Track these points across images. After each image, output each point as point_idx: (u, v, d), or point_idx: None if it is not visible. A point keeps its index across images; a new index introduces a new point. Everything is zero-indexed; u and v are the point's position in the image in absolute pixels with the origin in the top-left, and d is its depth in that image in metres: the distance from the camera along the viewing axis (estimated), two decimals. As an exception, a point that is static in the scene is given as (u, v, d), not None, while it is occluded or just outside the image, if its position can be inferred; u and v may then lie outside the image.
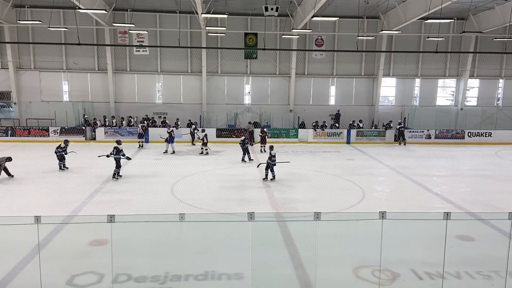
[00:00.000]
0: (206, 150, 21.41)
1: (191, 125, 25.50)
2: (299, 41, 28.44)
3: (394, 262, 8.21)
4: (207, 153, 21.36)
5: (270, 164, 15.64)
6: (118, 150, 15.79)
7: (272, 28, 27.82)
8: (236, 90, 29.55)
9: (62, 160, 17.02)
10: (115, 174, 15.72)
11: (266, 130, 23.83)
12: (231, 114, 28.64)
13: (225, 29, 26.32)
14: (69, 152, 17.22)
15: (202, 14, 22.01)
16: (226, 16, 23.92)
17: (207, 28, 26.34)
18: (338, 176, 17.06)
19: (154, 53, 28.39)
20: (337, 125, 28.09)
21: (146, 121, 26.62)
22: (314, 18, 21.53)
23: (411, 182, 16.14)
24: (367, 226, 7.54)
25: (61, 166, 17.01)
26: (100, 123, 26.30)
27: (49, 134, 25.14)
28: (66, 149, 17.17)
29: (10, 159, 15.58)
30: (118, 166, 15.76)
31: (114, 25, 25.70)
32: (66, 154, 17.12)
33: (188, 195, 13.47)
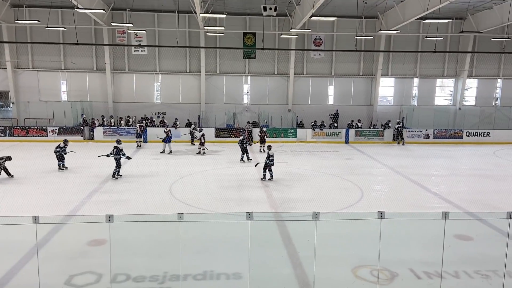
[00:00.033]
0: (203, 150, 21.39)
1: (191, 124, 25.51)
2: (298, 40, 28.45)
3: (392, 262, 8.23)
4: (204, 152, 21.34)
5: (268, 163, 15.64)
6: (118, 150, 15.79)
7: (270, 27, 27.82)
8: (234, 89, 29.55)
9: (61, 160, 16.97)
10: (115, 174, 15.70)
11: (265, 130, 23.84)
12: (230, 113, 28.65)
13: (223, 28, 26.31)
14: (68, 152, 17.19)
15: (201, 14, 22.00)
16: (224, 15, 23.92)
17: (206, 27, 26.34)
18: (336, 175, 17.07)
19: (152, 52, 28.37)
20: (335, 124, 28.11)
21: (144, 120, 26.61)
22: (313, 18, 21.55)
23: (410, 181, 16.16)
24: (366, 225, 7.54)
25: (60, 166, 16.97)
26: (98, 123, 26.28)
27: (47, 134, 25.09)
28: (66, 149, 17.12)
29: (9, 158, 15.56)
30: (118, 166, 15.75)
31: (113, 24, 25.65)
32: (65, 154, 17.08)
33: (186, 195, 13.46)
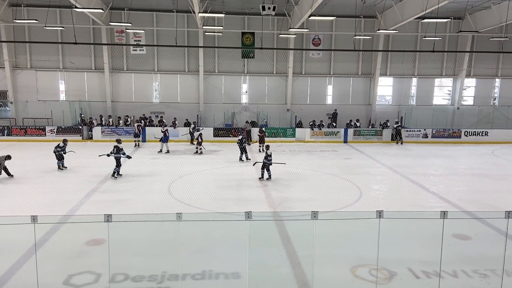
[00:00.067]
0: (200, 150, 21.39)
1: (189, 124, 25.50)
2: (296, 40, 28.46)
3: (391, 261, 8.23)
4: (201, 152, 21.34)
5: (266, 163, 15.64)
6: (119, 149, 15.80)
7: (269, 27, 27.83)
8: (233, 89, 29.54)
9: (60, 159, 16.95)
10: (115, 173, 15.70)
11: (265, 129, 23.82)
12: (228, 113, 28.64)
13: (222, 28, 26.29)
14: (68, 151, 17.18)
15: (199, 13, 21.99)
16: (223, 15, 23.91)
17: (204, 27, 26.34)
18: (335, 175, 17.08)
19: (151, 52, 28.35)
20: (334, 124, 28.11)
21: (143, 120, 26.58)
22: (311, 18, 21.49)
23: (408, 181, 16.18)
24: (364, 225, 7.54)
25: (59, 166, 16.94)
26: (96, 123, 26.25)
27: (45, 134, 25.06)
28: (65, 148, 17.12)
29: (9, 157, 15.50)
30: (118, 165, 15.76)
31: (111, 24, 25.64)
32: (65, 153, 17.07)
33: (185, 195, 13.45)
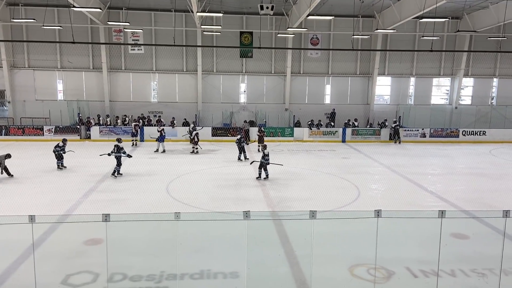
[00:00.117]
0: (196, 149, 21.37)
1: (188, 124, 25.47)
2: (295, 40, 28.46)
3: (389, 260, 8.24)
4: (197, 152, 21.31)
5: (263, 163, 15.65)
6: (119, 148, 15.83)
7: (267, 27, 27.82)
8: (231, 89, 29.52)
9: (60, 159, 16.93)
10: (115, 172, 15.73)
11: (264, 129, 23.77)
12: (227, 113, 28.62)
13: (220, 27, 26.27)
14: (67, 151, 17.17)
15: (197, 13, 21.96)
16: (221, 14, 23.86)
17: (203, 26, 26.30)
18: (333, 174, 17.10)
19: (149, 51, 28.31)
20: (332, 124, 28.13)
21: (141, 120, 26.56)
22: (310, 17, 21.48)
23: (406, 180, 16.20)
24: (362, 224, 7.55)
25: (59, 165, 16.92)
26: (94, 122, 26.20)
27: (43, 133, 25.01)
28: (65, 148, 17.11)
29: (9, 156, 15.43)
30: (118, 164, 15.79)
31: (109, 23, 25.59)
32: (64, 153, 17.07)
33: (183, 194, 13.44)
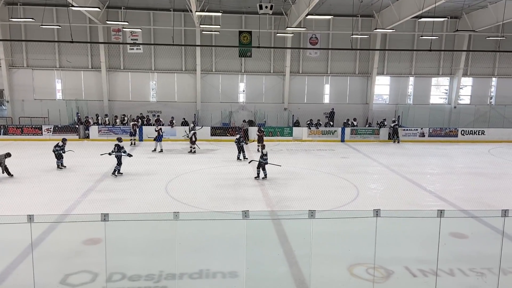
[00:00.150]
0: (194, 149, 21.37)
1: (190, 124, 25.47)
2: (294, 39, 28.45)
3: (388, 260, 8.24)
4: (195, 151, 21.31)
5: (262, 162, 15.65)
6: (119, 147, 15.88)
7: (266, 26, 27.80)
8: (230, 88, 29.50)
9: (60, 158, 16.93)
10: (116, 171, 15.77)
11: (263, 129, 23.73)
12: (226, 112, 28.61)
13: (219, 27, 26.25)
14: (67, 150, 17.16)
15: (196, 12, 21.92)
16: (220, 14, 23.85)
17: (201, 26, 26.28)
18: (332, 174, 17.10)
19: (148, 51, 28.27)
20: (331, 123, 28.14)
21: (140, 119, 26.53)
22: (309, 17, 21.50)
23: (405, 180, 16.22)
24: (361, 224, 7.55)
25: (59, 165, 16.91)
26: (92, 122, 26.16)
27: (42, 133, 24.99)
28: (64, 147, 17.11)
29: (9, 155, 15.39)
30: (119, 164, 15.85)
31: (108, 23, 25.54)
32: (64, 152, 17.06)
33: (182, 194, 13.44)
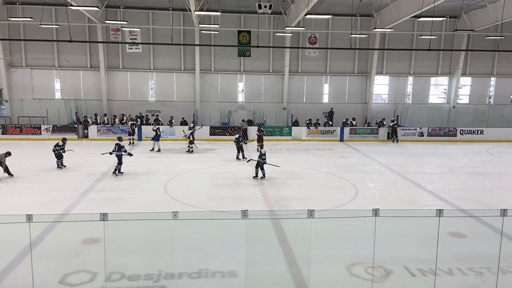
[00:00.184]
0: (191, 148, 21.37)
1: (190, 123, 25.47)
2: (293, 39, 28.44)
3: (387, 259, 8.25)
4: (192, 151, 21.31)
5: (260, 162, 15.65)
6: (120, 147, 15.96)
7: (265, 25, 27.78)
8: (229, 88, 29.48)
9: (60, 158, 16.93)
10: (116, 170, 15.83)
11: (263, 129, 23.70)
12: (225, 112, 28.60)
13: (218, 26, 26.21)
14: (66, 150, 17.16)
15: (195, 12, 21.91)
16: (219, 13, 23.84)
17: (200, 25, 26.24)
18: (331, 173, 17.11)
19: (147, 50, 28.24)
20: (330, 123, 28.15)
21: (139, 119, 26.51)
22: (308, 16, 21.52)
23: (404, 179, 16.23)
24: (360, 223, 7.55)
25: (59, 165, 16.91)
26: (91, 121, 26.14)
27: (41, 132, 24.98)
28: (64, 147, 17.12)
29: (9, 154, 15.35)
30: (120, 163, 15.92)
31: (107, 22, 25.47)
32: (64, 152, 17.06)
33: (181, 193, 13.43)
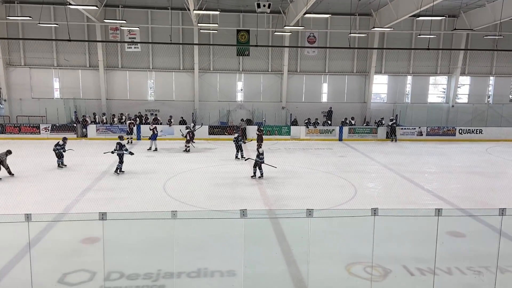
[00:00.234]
0: (188, 147, 21.36)
1: (190, 123, 25.47)
2: (291, 38, 28.42)
3: (386, 258, 8.27)
4: (189, 150, 21.30)
5: (258, 161, 15.64)
6: (121, 146, 16.02)
7: (264, 25, 27.73)
8: (228, 87, 29.46)
9: (60, 157, 16.92)
10: (118, 169, 15.89)
11: (263, 128, 23.69)
12: (224, 111, 28.59)
13: (217, 25, 26.16)
14: (67, 149, 17.16)
15: (194, 11, 21.88)
16: (218, 12, 23.83)
17: (199, 24, 26.18)
18: (330, 173, 17.12)
19: (145, 49, 28.20)
20: (329, 122, 28.15)
21: (138, 118, 26.48)
22: (306, 15, 21.49)
23: (403, 179, 16.24)
24: (359, 222, 7.57)
25: (59, 164, 16.91)
26: (90, 120, 26.10)
27: (40, 132, 24.93)
28: (65, 146, 17.12)
29: (10, 152, 15.25)
30: (121, 162, 15.98)
31: (105, 21, 25.43)
32: (64, 151, 17.06)
33: (180, 193, 13.44)
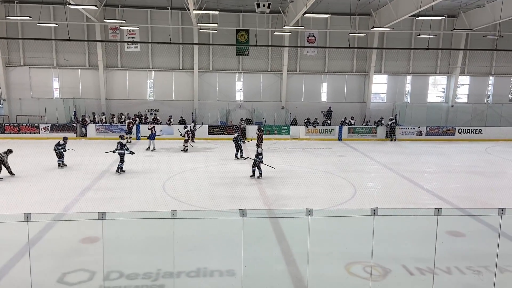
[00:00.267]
0: (186, 147, 21.37)
1: (191, 122, 25.46)
2: (291, 37, 28.41)
3: (385, 258, 8.27)
4: (187, 150, 21.31)
5: (256, 161, 15.64)
6: (122, 145, 16.06)
7: (264, 24, 27.74)
8: (228, 87, 29.46)
9: (61, 157, 16.92)
10: (119, 169, 15.93)
11: (263, 128, 23.68)
12: (223, 111, 28.59)
13: (216, 25, 26.14)
14: (67, 149, 17.16)
15: (194, 11, 21.89)
16: (217, 12, 23.82)
17: (199, 24, 26.18)
18: (329, 172, 17.12)
19: (145, 49, 28.20)
20: (328, 122, 28.15)
21: (137, 118, 26.48)
22: (306, 15, 21.51)
23: (402, 178, 16.25)
24: (359, 222, 7.57)
25: (60, 164, 16.90)
26: (89, 120, 26.09)
27: (39, 131, 24.91)
28: (65, 146, 17.11)
29: (10, 151, 15.20)
30: (122, 161, 16.01)
31: (105, 21, 25.43)
32: (65, 151, 17.06)
33: (180, 192, 13.44)
